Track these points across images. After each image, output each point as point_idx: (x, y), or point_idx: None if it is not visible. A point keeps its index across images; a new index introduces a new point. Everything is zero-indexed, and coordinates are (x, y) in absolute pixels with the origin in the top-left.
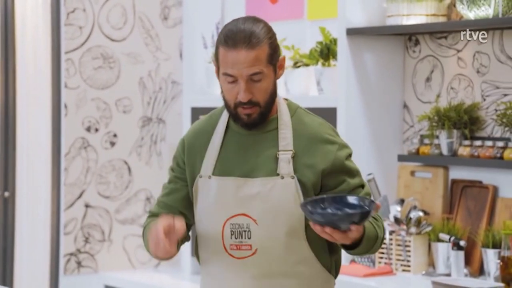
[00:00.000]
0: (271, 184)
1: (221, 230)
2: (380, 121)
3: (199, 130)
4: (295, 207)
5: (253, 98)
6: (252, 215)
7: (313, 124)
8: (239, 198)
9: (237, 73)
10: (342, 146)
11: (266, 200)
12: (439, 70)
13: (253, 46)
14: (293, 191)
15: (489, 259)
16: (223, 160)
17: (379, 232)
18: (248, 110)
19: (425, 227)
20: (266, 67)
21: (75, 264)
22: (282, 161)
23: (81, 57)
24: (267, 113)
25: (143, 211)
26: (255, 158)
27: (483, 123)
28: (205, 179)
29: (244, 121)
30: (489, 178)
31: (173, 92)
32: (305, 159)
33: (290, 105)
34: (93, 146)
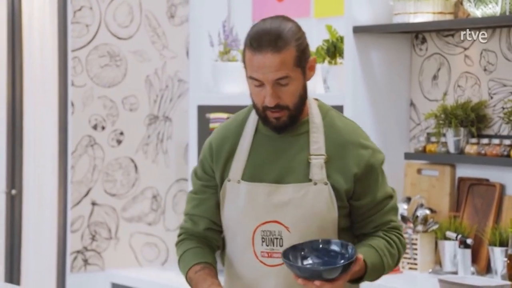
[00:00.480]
0: (304, 190)
1: (251, 236)
2: (386, 119)
3: (227, 132)
4: (328, 213)
5: (281, 102)
6: (285, 223)
7: (346, 128)
8: (270, 205)
9: (263, 77)
10: (375, 151)
11: (299, 207)
12: (446, 68)
13: (279, 49)
14: (327, 197)
15: (496, 257)
16: (252, 164)
17: (387, 260)
18: (276, 113)
19: (432, 225)
20: (293, 71)
21: (81, 262)
22: (314, 166)
23: (87, 55)
24: (297, 116)
25: (149, 209)
26: (286, 163)
27: (490, 121)
28: (234, 183)
29: (273, 124)
30: (496, 176)
31: (180, 90)
32: (338, 164)
33: (322, 107)
34: (99, 144)
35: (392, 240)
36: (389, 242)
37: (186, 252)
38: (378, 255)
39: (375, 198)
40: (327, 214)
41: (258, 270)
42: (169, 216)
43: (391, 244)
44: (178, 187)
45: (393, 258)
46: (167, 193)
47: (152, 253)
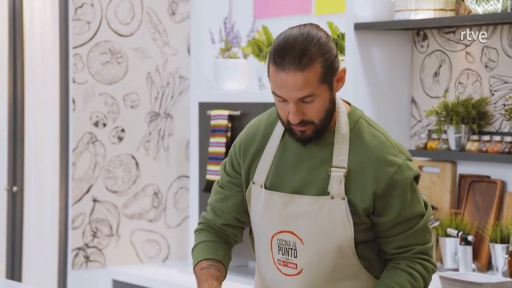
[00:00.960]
0: (320, 203)
1: (269, 243)
2: (388, 116)
3: (257, 131)
4: (343, 229)
5: (306, 118)
6: (299, 234)
7: (373, 142)
8: (286, 215)
9: (285, 95)
10: (403, 168)
11: (314, 219)
12: (447, 65)
13: (302, 68)
14: (343, 212)
15: (497, 254)
16: (276, 171)
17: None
18: (301, 127)
19: (433, 222)
20: (318, 88)
21: (83, 259)
22: (333, 180)
23: (89, 52)
24: (323, 129)
25: (150, 206)
26: (306, 174)
27: (491, 118)
28: (257, 187)
29: (298, 136)
30: (497, 173)
31: (181, 87)
32: (358, 180)
33: (352, 115)
34: (101, 141)
35: (415, 271)
36: (412, 274)
37: (200, 244)
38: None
39: (398, 217)
40: (342, 230)
41: (276, 276)
42: (170, 213)
43: (415, 277)
44: (179, 184)
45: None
46: (168, 190)
47: (153, 250)
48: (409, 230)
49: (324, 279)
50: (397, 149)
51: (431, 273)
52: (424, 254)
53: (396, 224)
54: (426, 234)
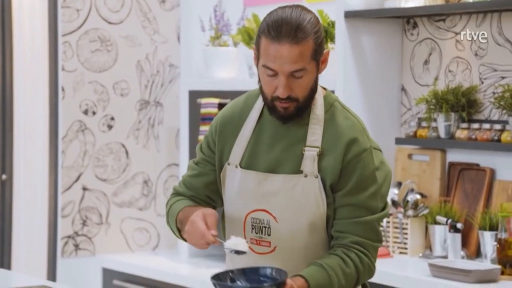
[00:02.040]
0: (294, 181)
1: (243, 222)
2: (377, 104)
3: (234, 112)
4: (317, 207)
5: (292, 94)
6: (273, 212)
7: (345, 124)
8: (260, 194)
9: (278, 68)
10: (369, 153)
11: (288, 198)
12: (437, 53)
13: (298, 41)
14: (316, 190)
15: (486, 241)
16: (251, 151)
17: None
18: (285, 104)
19: (422, 210)
20: (309, 64)
21: (72, 247)
22: (307, 158)
23: (78, 40)
24: (305, 108)
25: (140, 194)
26: (281, 153)
27: (480, 106)
28: (233, 167)
29: (280, 113)
30: (487, 161)
31: (171, 75)
32: (329, 159)
33: (327, 99)
34: (90, 129)
35: (349, 259)
36: (345, 260)
37: (174, 204)
38: (326, 275)
39: (349, 198)
40: (315, 207)
41: (248, 256)
42: (160, 201)
43: (347, 262)
44: (169, 172)
45: (347, 277)
46: (158, 178)
47: (143, 238)
48: (354, 218)
49: (297, 257)
50: (367, 135)
51: (367, 268)
52: (362, 247)
53: (344, 205)
54: (371, 232)
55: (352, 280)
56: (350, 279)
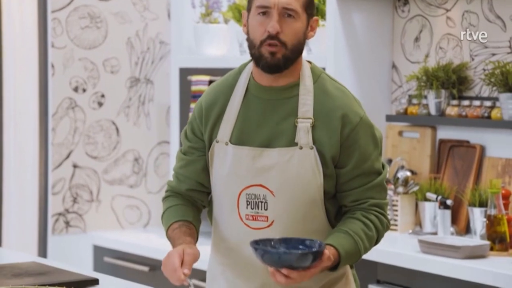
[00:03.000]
0: (289, 154)
1: (236, 199)
2: (368, 81)
3: (217, 93)
4: (314, 178)
5: (282, 36)
6: (269, 187)
7: (336, 93)
8: (255, 169)
9: (272, 2)
10: (365, 121)
11: (284, 171)
12: (427, 29)
13: None
14: (312, 162)
15: (476, 217)
16: (241, 127)
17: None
18: (273, 48)
19: (413, 187)
20: (301, 11)
21: (63, 224)
22: (301, 130)
23: (67, 17)
24: (291, 59)
25: (131, 172)
26: (273, 127)
27: (471, 82)
28: (222, 145)
29: (267, 60)
30: (477, 138)
31: (161, 52)
32: (325, 129)
33: (314, 70)
34: (80, 107)
35: (370, 221)
36: (366, 224)
37: (169, 209)
38: (353, 241)
39: (357, 168)
40: (312, 179)
41: (243, 232)
42: (151, 179)
43: (368, 226)
44: (160, 150)
45: (370, 240)
46: (148, 156)
47: (134, 216)
48: (366, 184)
49: (295, 230)
50: (358, 103)
51: (385, 228)
52: (379, 208)
53: (355, 177)
54: (382, 191)
55: (373, 241)
56: (372, 241)
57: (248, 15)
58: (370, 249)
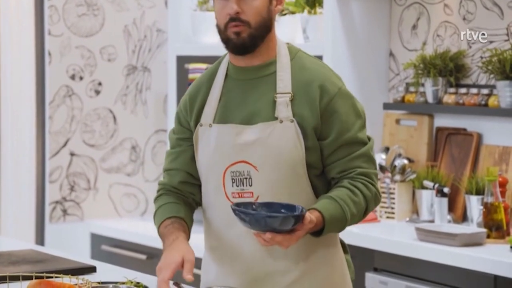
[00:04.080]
0: (270, 129)
1: (221, 178)
2: (366, 69)
3: (199, 84)
4: (296, 151)
5: (243, 16)
6: (252, 162)
7: (314, 67)
8: (238, 145)
9: None
10: (343, 92)
11: (266, 145)
12: (425, 17)
13: None
14: (293, 134)
15: (472, 205)
16: (223, 107)
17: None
18: (237, 28)
19: (410, 175)
20: None
21: (60, 212)
22: (280, 105)
23: (64, 4)
24: (258, 37)
25: (128, 160)
26: (253, 104)
27: (468, 70)
28: (206, 127)
29: (234, 41)
30: (474, 126)
31: (158, 40)
32: (304, 100)
33: (291, 48)
34: (77, 94)
35: (356, 188)
36: (352, 190)
37: (160, 208)
38: (338, 206)
39: (340, 138)
40: (294, 151)
41: (230, 212)
42: (148, 167)
43: (355, 192)
44: (157, 138)
45: (357, 206)
46: (146, 144)
47: (131, 204)
48: (351, 154)
49: None
50: (337, 76)
51: (375, 197)
52: (367, 177)
53: (338, 147)
54: (369, 161)
55: (362, 209)
56: (360, 208)
57: (214, 2)
58: (359, 217)
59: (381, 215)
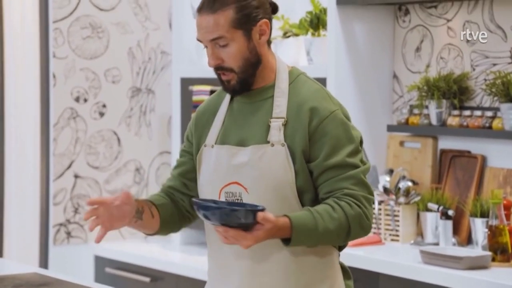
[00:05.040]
0: (261, 151)
1: (217, 198)
2: (369, 91)
3: (209, 102)
4: (285, 175)
5: (224, 64)
6: (244, 183)
7: (308, 90)
8: (232, 166)
9: (201, 37)
10: (336, 115)
11: (256, 168)
12: (428, 40)
13: (214, 10)
14: (283, 158)
15: (477, 228)
16: (224, 130)
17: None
18: (224, 76)
19: (414, 197)
20: (230, 32)
21: (64, 235)
22: (273, 129)
23: (69, 27)
24: (247, 79)
25: (132, 182)
26: (249, 127)
27: (472, 93)
28: (208, 148)
29: (226, 86)
30: (478, 148)
31: (163, 62)
32: (295, 125)
33: (292, 72)
34: (82, 117)
35: (338, 205)
36: (333, 206)
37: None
38: (311, 217)
39: (329, 161)
40: (284, 175)
41: None
42: (152, 189)
43: (335, 208)
44: (161, 160)
45: (335, 222)
46: (150, 166)
47: None
48: (339, 175)
49: None
50: (333, 100)
51: (358, 217)
52: (354, 198)
53: (327, 169)
54: (359, 184)
55: (342, 227)
56: (338, 225)
57: None
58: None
59: (385, 238)
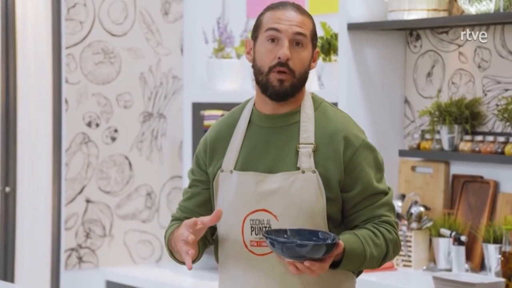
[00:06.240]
0: (292, 179)
1: (241, 226)
2: (381, 116)
3: (221, 127)
4: (316, 202)
5: (291, 63)
6: (273, 211)
7: (337, 118)
8: (259, 193)
9: (283, 28)
10: (366, 144)
11: (287, 195)
12: (440, 65)
13: (301, 12)
14: (315, 185)
15: (490, 254)
16: (245, 154)
17: (370, 250)
18: (282, 75)
19: (426, 223)
20: (308, 38)
21: (76, 260)
22: (303, 155)
23: (81, 52)
24: (298, 87)
25: (144, 207)
26: (276, 153)
27: (484, 118)
28: (227, 173)
29: (276, 88)
30: (490, 173)
31: (174, 87)
32: (327, 153)
33: (315, 98)
34: (94, 141)
35: (379, 232)
36: (375, 233)
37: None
38: (359, 242)
39: (365, 190)
40: (315, 202)
41: (247, 260)
42: (164, 214)
43: (377, 234)
44: (173, 185)
45: (377, 248)
46: (161, 191)
47: (147, 251)
48: (375, 203)
49: None
50: (359, 127)
51: (394, 243)
52: (390, 225)
53: (363, 198)
54: (391, 210)
55: (382, 253)
56: (380, 251)
57: (254, 43)
58: (378, 262)
59: (397, 263)
